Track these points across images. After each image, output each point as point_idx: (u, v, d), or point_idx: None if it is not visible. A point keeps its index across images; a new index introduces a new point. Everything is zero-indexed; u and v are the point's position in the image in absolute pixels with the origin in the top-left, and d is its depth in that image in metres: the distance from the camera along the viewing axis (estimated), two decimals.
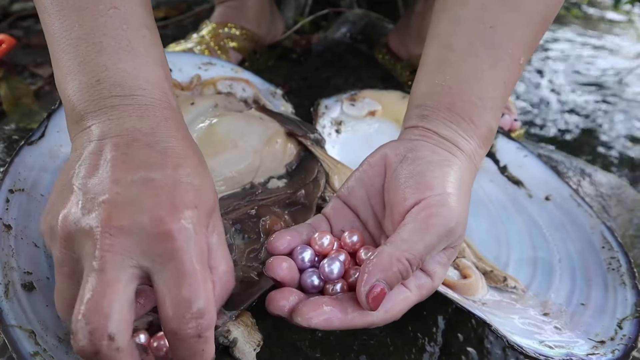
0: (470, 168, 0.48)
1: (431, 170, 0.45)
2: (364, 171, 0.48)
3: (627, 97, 1.47)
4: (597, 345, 0.52)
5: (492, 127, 0.49)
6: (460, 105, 0.48)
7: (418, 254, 0.41)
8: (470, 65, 0.48)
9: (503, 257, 0.62)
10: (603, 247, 0.61)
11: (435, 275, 0.45)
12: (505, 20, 0.49)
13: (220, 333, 0.45)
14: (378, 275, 0.40)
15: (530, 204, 0.67)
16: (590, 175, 0.83)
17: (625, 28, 1.81)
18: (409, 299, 0.43)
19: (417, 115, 0.49)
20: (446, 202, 0.43)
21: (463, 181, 0.45)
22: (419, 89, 0.51)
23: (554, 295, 0.58)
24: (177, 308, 0.36)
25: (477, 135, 0.48)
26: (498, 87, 0.49)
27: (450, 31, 0.50)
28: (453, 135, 0.47)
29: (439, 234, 0.42)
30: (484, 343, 0.61)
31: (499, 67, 0.49)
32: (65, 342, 0.45)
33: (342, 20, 1.17)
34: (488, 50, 0.48)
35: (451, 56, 0.49)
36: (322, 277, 0.44)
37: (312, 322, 0.40)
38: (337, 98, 0.78)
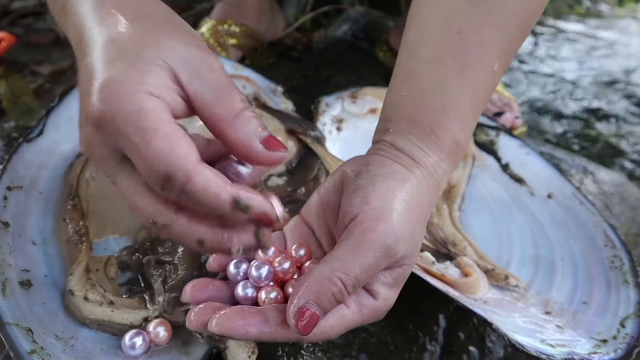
0: (428, 183, 0.44)
1: (373, 184, 0.41)
2: (325, 188, 0.45)
3: (632, 95, 1.46)
4: (600, 344, 0.51)
5: (458, 138, 0.45)
6: (422, 116, 0.45)
7: (352, 274, 0.37)
8: (434, 73, 0.45)
9: (505, 255, 0.62)
10: (606, 245, 0.61)
11: (379, 296, 0.41)
12: (474, 24, 0.45)
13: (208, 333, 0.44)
14: (307, 297, 0.36)
15: (532, 202, 0.67)
16: (593, 173, 0.83)
17: (630, 25, 1.81)
18: (346, 317, 0.39)
19: (380, 129, 0.47)
20: (383, 217, 0.39)
21: (413, 196, 0.42)
22: (386, 102, 0.48)
23: (555, 293, 0.58)
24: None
25: (439, 147, 0.45)
26: (465, 95, 0.45)
27: (417, 39, 0.47)
28: (410, 147, 0.44)
29: (374, 251, 0.38)
30: (485, 342, 0.60)
31: (467, 74, 0.45)
32: (63, 341, 0.44)
33: (343, 18, 1.16)
34: (455, 57, 0.45)
35: (416, 65, 0.46)
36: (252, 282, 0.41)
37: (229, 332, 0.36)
38: (338, 96, 0.78)
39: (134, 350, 0.44)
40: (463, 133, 0.46)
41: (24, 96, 0.83)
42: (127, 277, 0.52)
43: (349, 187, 0.42)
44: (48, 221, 0.51)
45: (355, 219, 0.39)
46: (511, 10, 0.46)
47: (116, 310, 0.46)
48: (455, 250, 0.60)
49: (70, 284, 0.47)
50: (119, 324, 0.46)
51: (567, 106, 1.39)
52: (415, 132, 0.44)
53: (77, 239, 0.50)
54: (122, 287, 0.51)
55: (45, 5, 0.45)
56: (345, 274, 0.37)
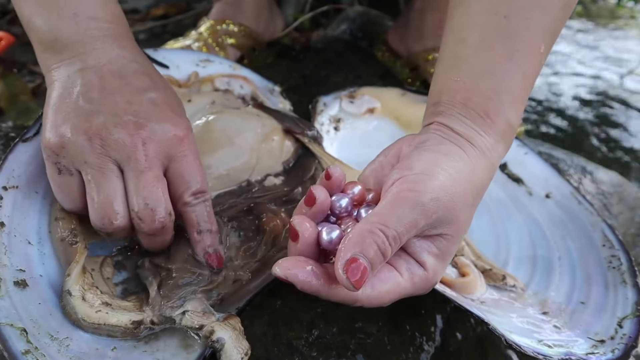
0: (483, 164, 0.46)
1: (419, 155, 0.44)
2: (379, 162, 0.48)
3: (630, 95, 1.46)
4: (597, 345, 0.51)
5: (511, 121, 0.48)
6: (476, 101, 0.47)
7: (392, 226, 0.39)
8: (484, 58, 0.47)
9: (502, 255, 0.62)
10: (604, 245, 0.61)
11: (427, 266, 0.43)
12: (519, 8, 0.47)
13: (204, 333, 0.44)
14: (352, 249, 0.38)
15: (530, 202, 0.67)
16: (592, 173, 0.82)
17: (629, 25, 1.80)
18: (400, 284, 0.42)
19: (432, 112, 0.49)
20: (421, 180, 0.42)
21: (459, 171, 0.44)
22: (435, 86, 0.50)
23: (553, 293, 0.58)
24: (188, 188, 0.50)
25: (494, 130, 0.47)
26: (516, 79, 0.47)
27: (463, 25, 0.49)
28: (466, 130, 0.47)
29: (411, 207, 0.40)
30: (483, 342, 0.60)
31: (516, 58, 0.47)
32: (58, 341, 0.44)
33: (342, 18, 1.16)
34: (503, 42, 0.47)
35: (465, 50, 0.48)
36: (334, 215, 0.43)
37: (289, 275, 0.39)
38: (336, 95, 0.78)
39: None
40: (515, 116, 0.48)
41: (22, 95, 0.83)
42: (123, 277, 0.52)
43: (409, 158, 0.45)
44: (44, 221, 0.51)
45: (397, 181, 0.42)
46: None
47: (112, 312, 0.46)
48: None
49: (68, 284, 0.47)
50: (113, 326, 0.45)
51: (565, 105, 1.38)
52: (470, 116, 0.47)
53: (72, 239, 0.50)
54: (118, 286, 0.51)
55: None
56: (385, 226, 0.39)
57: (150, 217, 0.47)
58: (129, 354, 0.44)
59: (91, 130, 0.46)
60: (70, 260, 0.48)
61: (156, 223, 0.47)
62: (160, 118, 0.49)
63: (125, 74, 0.50)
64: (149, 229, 0.48)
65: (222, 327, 0.44)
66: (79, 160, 0.47)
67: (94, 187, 0.47)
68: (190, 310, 0.45)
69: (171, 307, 0.47)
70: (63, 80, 0.49)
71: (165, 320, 0.45)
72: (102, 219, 0.47)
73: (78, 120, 0.47)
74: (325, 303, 0.55)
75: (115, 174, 0.47)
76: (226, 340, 0.44)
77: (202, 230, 0.51)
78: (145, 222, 0.47)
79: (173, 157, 0.49)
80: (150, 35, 1.11)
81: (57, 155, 0.47)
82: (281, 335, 0.52)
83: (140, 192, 0.47)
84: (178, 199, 0.50)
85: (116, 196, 0.47)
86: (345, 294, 0.40)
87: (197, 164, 0.50)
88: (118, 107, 0.48)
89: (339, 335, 0.53)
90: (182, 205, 0.50)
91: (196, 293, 0.48)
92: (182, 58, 0.74)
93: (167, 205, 0.48)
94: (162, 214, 0.47)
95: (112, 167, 0.47)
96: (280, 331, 0.52)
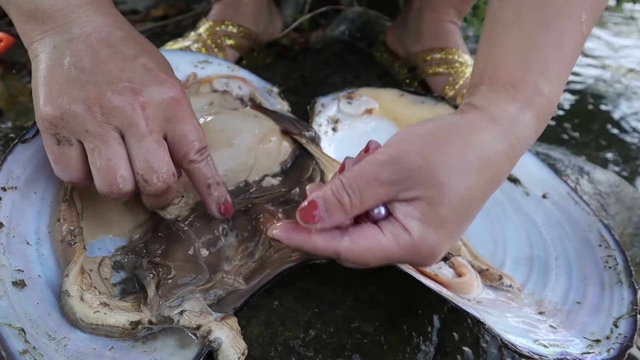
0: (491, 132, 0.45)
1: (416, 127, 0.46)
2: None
3: (629, 95, 1.46)
4: (593, 344, 0.51)
5: (542, 90, 0.46)
6: (501, 74, 0.46)
7: (350, 176, 0.43)
8: (515, 33, 0.47)
9: (499, 255, 0.62)
10: (600, 245, 0.61)
11: (412, 231, 0.44)
12: None
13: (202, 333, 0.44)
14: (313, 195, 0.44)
15: (527, 202, 0.67)
16: (589, 173, 0.82)
17: (628, 25, 1.80)
18: (381, 243, 0.44)
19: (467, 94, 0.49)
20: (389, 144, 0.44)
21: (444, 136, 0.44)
22: (472, 73, 0.51)
23: (549, 293, 0.58)
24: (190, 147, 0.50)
25: (519, 100, 0.45)
26: (551, 49, 0.46)
27: (498, 5, 0.49)
28: (484, 103, 0.46)
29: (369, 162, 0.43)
30: (480, 342, 0.60)
31: (553, 29, 0.46)
32: (56, 340, 0.45)
33: (341, 18, 1.16)
34: (537, 13, 0.46)
35: (498, 31, 0.48)
36: None
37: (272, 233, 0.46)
38: (334, 96, 0.78)
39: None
40: (549, 85, 0.46)
41: (22, 96, 0.83)
42: (121, 277, 0.52)
43: None
44: (42, 222, 0.52)
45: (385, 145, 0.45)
46: None
47: (109, 312, 0.46)
48: (449, 251, 0.60)
49: (66, 285, 0.47)
50: (112, 326, 0.46)
51: (563, 105, 1.38)
52: (494, 90, 0.46)
53: (71, 239, 0.50)
54: (116, 287, 0.51)
55: None
56: (345, 177, 0.44)
57: (155, 178, 0.48)
58: (127, 354, 0.44)
59: (89, 99, 0.47)
60: (69, 260, 0.48)
61: (161, 184, 0.49)
62: (155, 82, 0.50)
63: (113, 42, 0.50)
64: (155, 190, 0.49)
65: (220, 327, 0.44)
66: (79, 129, 0.47)
67: (97, 155, 0.47)
68: (188, 310, 0.46)
69: (169, 306, 0.47)
70: (49, 52, 0.49)
71: (164, 320, 0.46)
72: (110, 186, 0.48)
73: (74, 90, 0.47)
74: (322, 303, 0.55)
75: (117, 141, 0.48)
76: (223, 340, 0.44)
77: (212, 184, 0.53)
78: (151, 184, 0.49)
79: (172, 119, 0.50)
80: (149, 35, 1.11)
81: (56, 127, 0.47)
82: (278, 335, 0.52)
83: (144, 155, 0.48)
84: (182, 159, 0.51)
85: (120, 162, 0.48)
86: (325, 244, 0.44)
87: (194, 122, 0.51)
88: (112, 75, 0.48)
89: (336, 335, 0.53)
90: (188, 163, 0.51)
91: (194, 293, 0.48)
92: (181, 59, 0.75)
93: (169, 167, 0.49)
94: (166, 175, 0.49)
95: (114, 135, 0.48)
96: (277, 331, 0.52)
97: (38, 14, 0.50)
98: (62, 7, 0.49)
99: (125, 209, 0.56)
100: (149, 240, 0.54)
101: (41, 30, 0.50)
